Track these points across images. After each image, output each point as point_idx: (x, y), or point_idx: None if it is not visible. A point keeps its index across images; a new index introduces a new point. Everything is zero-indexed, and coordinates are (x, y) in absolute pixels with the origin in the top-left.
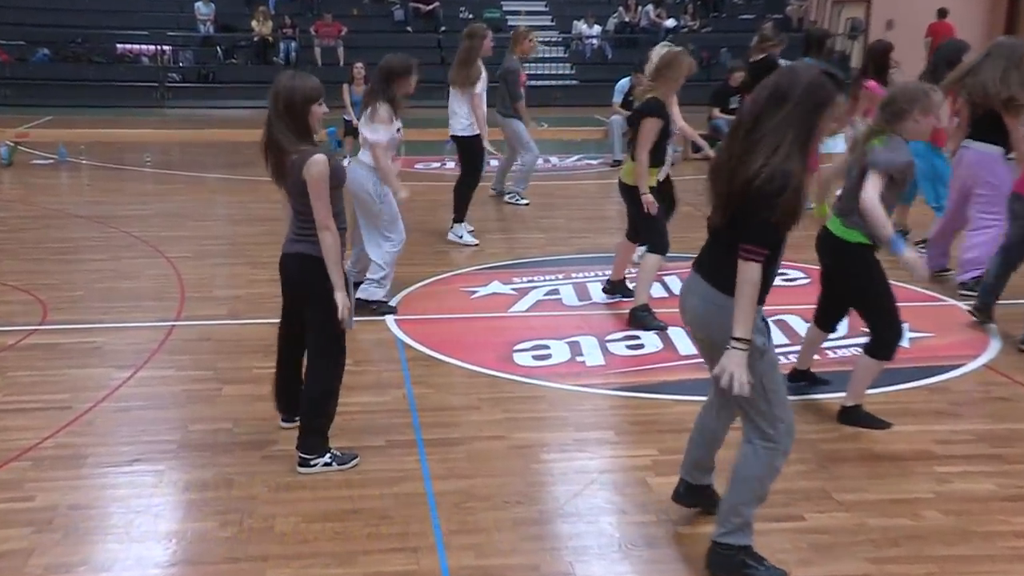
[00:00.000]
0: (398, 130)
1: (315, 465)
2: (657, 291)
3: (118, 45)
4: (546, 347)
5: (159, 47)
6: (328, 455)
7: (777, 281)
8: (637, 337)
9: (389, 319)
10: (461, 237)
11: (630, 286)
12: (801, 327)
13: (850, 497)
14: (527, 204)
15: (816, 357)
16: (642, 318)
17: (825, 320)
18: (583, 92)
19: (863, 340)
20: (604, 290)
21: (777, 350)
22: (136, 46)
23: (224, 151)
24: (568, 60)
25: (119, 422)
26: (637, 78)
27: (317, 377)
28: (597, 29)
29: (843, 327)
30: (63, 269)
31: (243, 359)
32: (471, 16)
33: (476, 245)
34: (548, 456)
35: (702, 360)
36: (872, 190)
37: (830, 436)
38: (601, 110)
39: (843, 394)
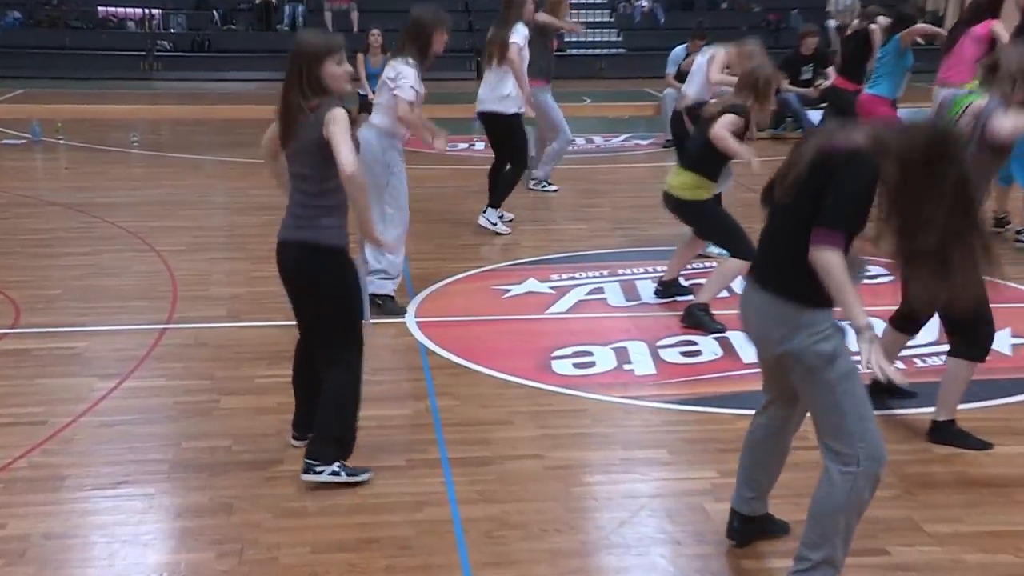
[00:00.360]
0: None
1: (320, 473)
2: None
3: (100, 8)
4: (589, 354)
5: (147, 11)
6: (337, 464)
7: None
8: (693, 343)
9: (410, 320)
10: (495, 224)
11: (684, 284)
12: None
13: (943, 529)
14: (556, 191)
15: (900, 366)
16: (699, 317)
17: (905, 320)
18: (632, 62)
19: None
20: (656, 292)
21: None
22: (121, 9)
23: (222, 130)
24: (615, 26)
25: (102, 439)
26: (694, 45)
27: (330, 383)
28: None
29: (931, 331)
30: (38, 265)
31: (243, 367)
32: None
33: (508, 233)
34: (591, 478)
35: None
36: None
37: (918, 457)
38: (652, 83)
39: (932, 409)
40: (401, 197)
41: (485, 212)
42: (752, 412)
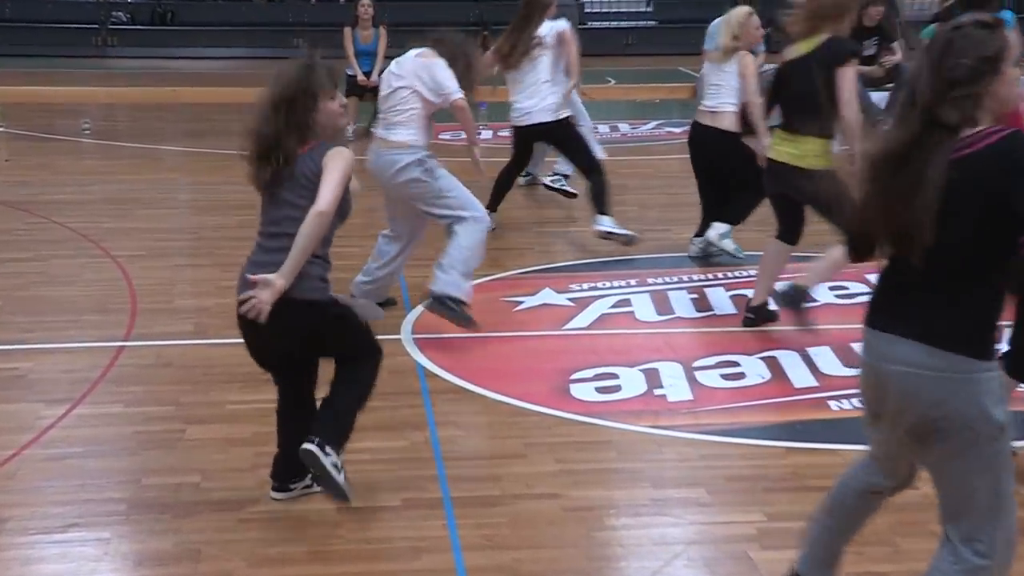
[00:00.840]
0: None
1: (329, 455)
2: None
3: None
4: (614, 376)
5: None
6: (340, 458)
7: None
8: (736, 364)
9: (406, 337)
10: (618, 229)
11: (774, 308)
12: None
13: None
14: (576, 196)
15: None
16: (795, 300)
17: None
18: (663, 36)
19: None
20: (746, 323)
21: None
22: None
23: (187, 116)
24: None
25: (49, 475)
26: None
27: (362, 370)
28: None
29: None
30: None
31: (214, 391)
32: None
33: (634, 238)
34: (617, 522)
35: (824, 395)
36: None
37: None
38: (688, 60)
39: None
40: (465, 192)
41: (600, 223)
42: (805, 445)
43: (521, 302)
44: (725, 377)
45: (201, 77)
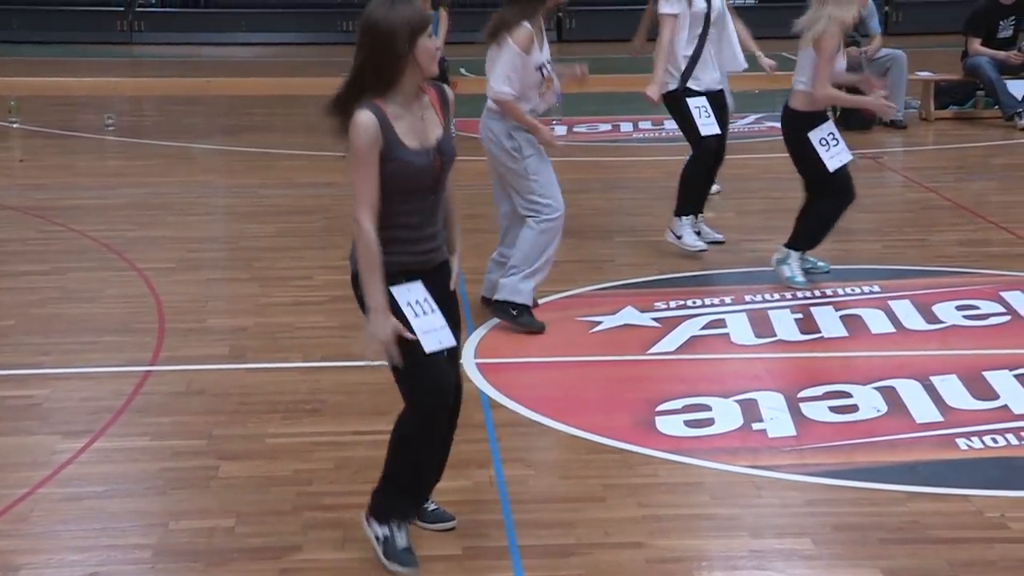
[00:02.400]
0: (541, 68)
1: (371, 527)
2: (881, 324)
3: None
4: (706, 408)
5: None
6: (385, 529)
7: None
8: (847, 395)
9: (468, 362)
10: (680, 238)
11: None
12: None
13: None
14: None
15: None
16: None
17: None
18: (763, 16)
19: None
20: None
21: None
22: None
23: (222, 109)
24: None
25: (66, 516)
26: None
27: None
28: None
29: None
30: None
31: (251, 422)
32: None
33: (702, 250)
34: (710, 575)
35: (951, 432)
36: None
37: None
38: (791, 44)
39: None
40: (551, 183)
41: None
42: (928, 490)
43: (599, 322)
44: (834, 410)
45: (238, 66)
